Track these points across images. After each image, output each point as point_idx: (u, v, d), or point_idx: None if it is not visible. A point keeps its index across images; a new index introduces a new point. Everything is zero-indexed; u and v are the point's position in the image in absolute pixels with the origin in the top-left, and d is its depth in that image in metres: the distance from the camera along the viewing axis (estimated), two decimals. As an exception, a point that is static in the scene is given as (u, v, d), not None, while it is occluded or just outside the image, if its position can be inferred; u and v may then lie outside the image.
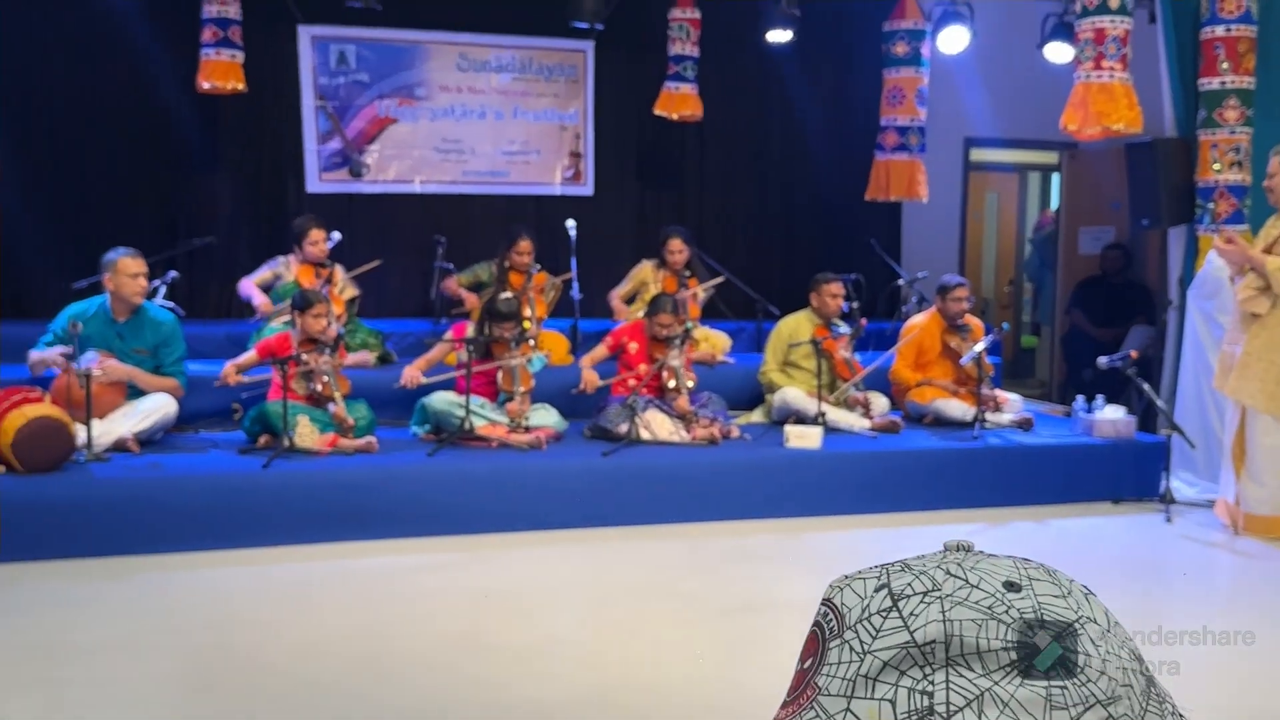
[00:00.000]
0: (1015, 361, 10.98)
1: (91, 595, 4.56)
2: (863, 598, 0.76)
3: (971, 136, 9.88)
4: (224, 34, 7.45)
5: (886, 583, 0.76)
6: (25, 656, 3.92)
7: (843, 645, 0.74)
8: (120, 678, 3.75)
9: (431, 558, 5.16)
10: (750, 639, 4.23)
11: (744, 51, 8.89)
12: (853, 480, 6.05)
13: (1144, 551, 5.58)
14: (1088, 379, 8.35)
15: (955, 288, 7.03)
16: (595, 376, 6.54)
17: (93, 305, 5.92)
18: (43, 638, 4.09)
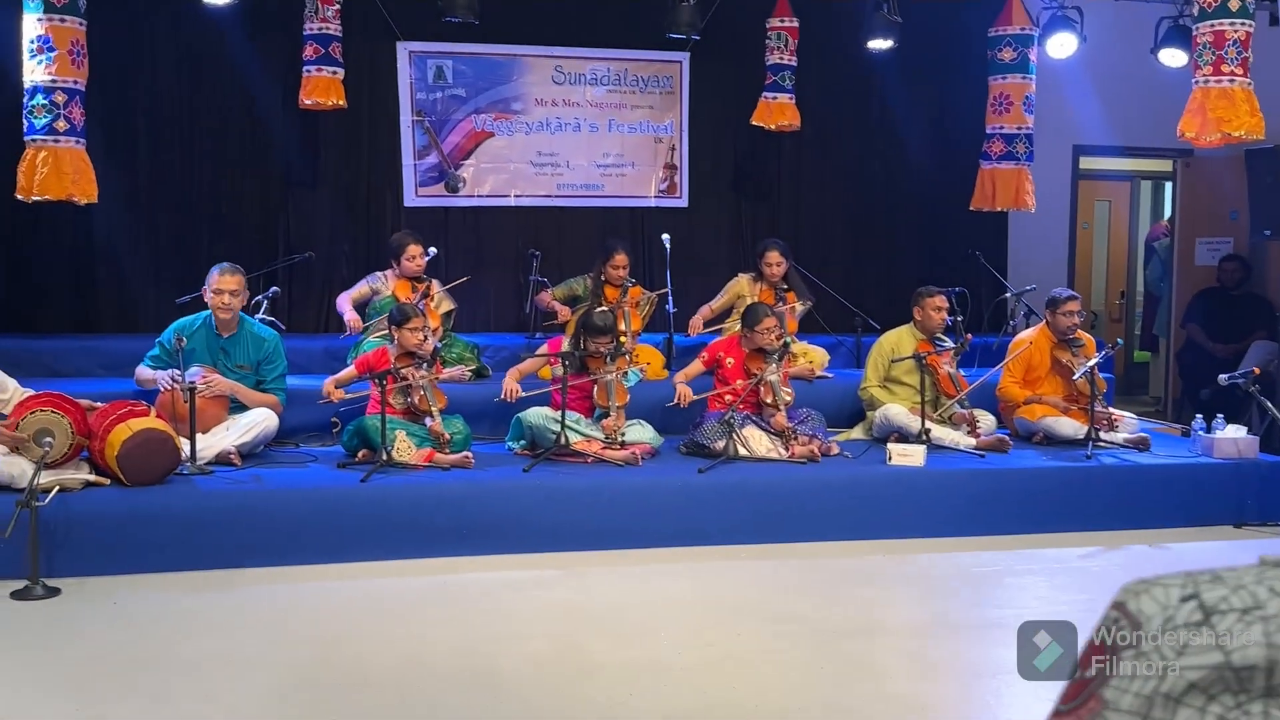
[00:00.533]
0: (1128, 377, 10.72)
1: (194, 608, 4.66)
2: (1165, 607, 0.70)
3: (1081, 144, 9.69)
4: (325, 51, 7.63)
5: (1196, 594, 0.70)
6: (130, 668, 4.01)
7: (1139, 657, 0.68)
8: (223, 691, 3.82)
9: (529, 574, 5.18)
10: (855, 663, 4.17)
11: (843, 60, 8.84)
12: (958, 500, 5.95)
13: None
14: (1205, 397, 8.12)
15: (1066, 301, 6.89)
16: (689, 391, 6.52)
17: (198, 320, 6.08)
18: (147, 650, 4.18)
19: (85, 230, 7.81)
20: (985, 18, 8.58)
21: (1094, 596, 4.86)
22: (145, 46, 7.94)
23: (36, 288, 7.78)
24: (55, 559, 4.85)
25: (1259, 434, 6.61)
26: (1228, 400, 7.21)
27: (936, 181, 9.15)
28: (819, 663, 4.18)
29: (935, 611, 4.78)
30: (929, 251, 9.19)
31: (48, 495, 4.82)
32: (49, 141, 6.88)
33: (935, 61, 9.05)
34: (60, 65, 6.87)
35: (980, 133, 8.63)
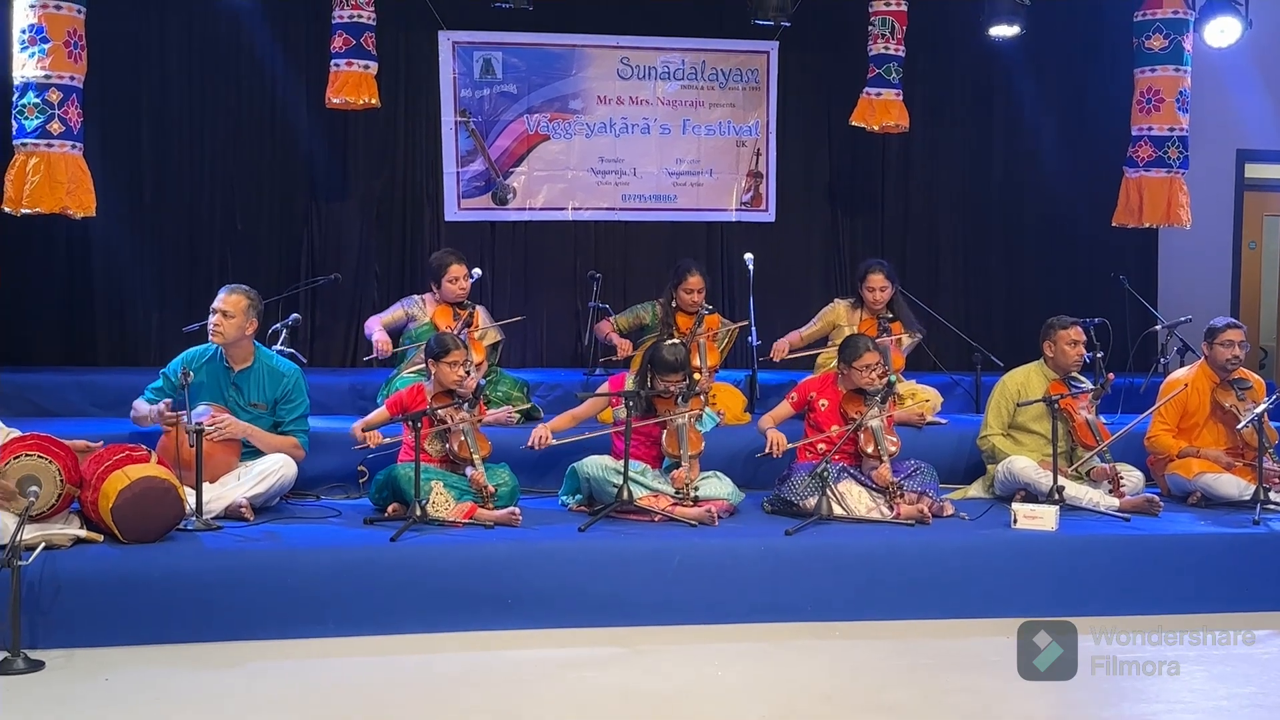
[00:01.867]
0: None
1: (198, 686, 4.67)
2: None
3: (1246, 148, 9.57)
4: (356, 42, 7.73)
5: None
6: (124, 754, 4.06)
7: None
8: (228, 783, 3.85)
9: (584, 652, 5.16)
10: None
11: (961, 50, 8.82)
12: (1097, 573, 5.83)
13: None
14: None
15: (1226, 330, 6.79)
16: (783, 438, 6.47)
17: (207, 352, 6.14)
18: (143, 733, 4.24)
19: (81, 248, 7.97)
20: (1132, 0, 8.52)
21: (1264, 690, 4.76)
22: (152, 38, 8.11)
23: (24, 313, 7.93)
24: (39, 627, 4.89)
25: None
26: None
27: (1072, 193, 9.08)
28: (927, 764, 4.13)
29: (1065, 707, 4.69)
30: (1062, 275, 9.11)
31: (32, 553, 4.87)
32: (41, 146, 7.05)
33: (1070, 51, 9.00)
34: (55, 59, 7.04)
35: (1125, 135, 8.54)
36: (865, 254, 8.45)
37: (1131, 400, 7.61)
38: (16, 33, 7.08)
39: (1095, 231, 8.82)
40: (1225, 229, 9.61)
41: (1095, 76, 9.02)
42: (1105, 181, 8.70)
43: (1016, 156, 9.21)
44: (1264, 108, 9.16)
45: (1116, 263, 8.75)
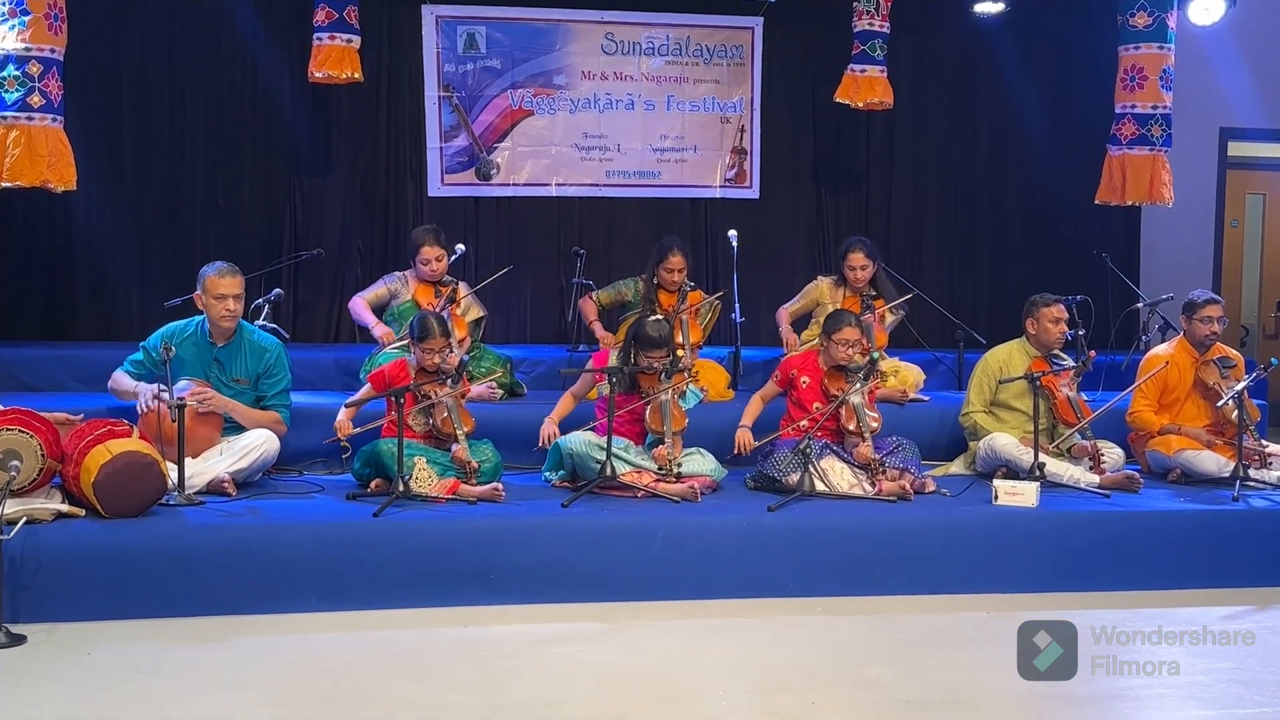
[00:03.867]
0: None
1: (181, 661, 4.68)
2: None
3: (1229, 126, 9.60)
4: (339, 15, 7.70)
5: None
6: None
7: None
8: (211, 758, 3.87)
9: (566, 628, 5.18)
10: (949, 740, 4.15)
11: (945, 26, 8.83)
12: (1077, 549, 5.87)
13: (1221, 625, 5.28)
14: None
15: (1205, 305, 6.82)
16: (750, 437, 6.47)
17: (189, 327, 6.13)
18: (126, 710, 4.21)
19: (62, 222, 7.94)
20: (1115, -24, 8.53)
21: (1240, 666, 4.79)
22: (133, 10, 8.07)
23: (5, 287, 7.91)
24: (21, 602, 4.89)
25: None
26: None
27: (1055, 170, 9.10)
28: (907, 739, 4.16)
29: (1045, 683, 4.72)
30: (1045, 253, 9.14)
31: (13, 528, 4.87)
32: (21, 119, 7.01)
33: (1054, 28, 9.01)
34: (35, 31, 7.00)
35: (1108, 112, 8.56)
36: (849, 231, 8.47)
37: (1113, 378, 7.64)
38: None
39: (1078, 209, 8.85)
40: (1208, 207, 9.65)
41: (1079, 53, 9.03)
42: (1089, 159, 8.72)
43: (1000, 134, 9.23)
44: (1247, 86, 9.18)
45: (1099, 240, 8.78)
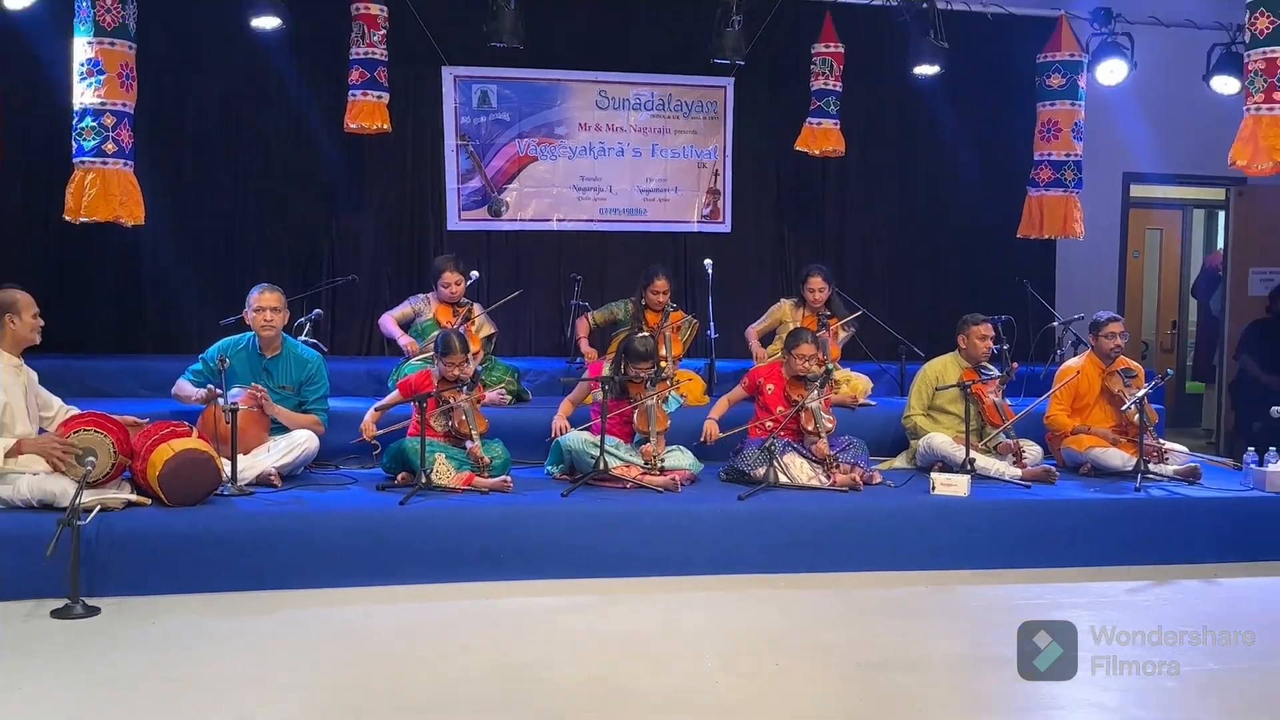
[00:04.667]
0: (1180, 409, 10.58)
1: (233, 630, 4.67)
2: None
3: (1131, 171, 9.64)
4: (371, 75, 7.71)
5: None
6: (168, 689, 4.03)
7: None
8: (260, 713, 3.83)
9: (565, 600, 5.17)
10: (894, 698, 4.13)
11: (889, 85, 8.84)
12: (1002, 532, 5.88)
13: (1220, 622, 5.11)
14: (1258, 429, 8.01)
15: (1108, 323, 6.84)
16: (715, 428, 6.52)
17: (241, 341, 6.15)
18: (185, 670, 4.20)
19: (131, 251, 7.93)
20: (1034, 44, 8.56)
21: (1143, 632, 4.79)
22: (194, 70, 8.06)
23: (82, 308, 7.89)
24: (95, 578, 4.89)
25: (1314, 468, 6.51)
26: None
27: (983, 208, 9.12)
28: (857, 696, 4.14)
29: (976, 646, 4.72)
30: (975, 279, 9.15)
31: (89, 514, 4.87)
32: (97, 163, 7.00)
33: (982, 87, 9.03)
34: (110, 88, 6.99)
35: (1028, 159, 8.59)
36: (808, 260, 8.47)
37: (1032, 386, 7.65)
38: (76, 66, 7.03)
39: (1003, 241, 8.86)
40: (1113, 240, 9.67)
41: (1004, 109, 9.05)
42: (1011, 199, 8.73)
43: (936, 177, 9.25)
44: (1147, 137, 9.21)
45: (1020, 269, 8.80)
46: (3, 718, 3.80)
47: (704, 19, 8.01)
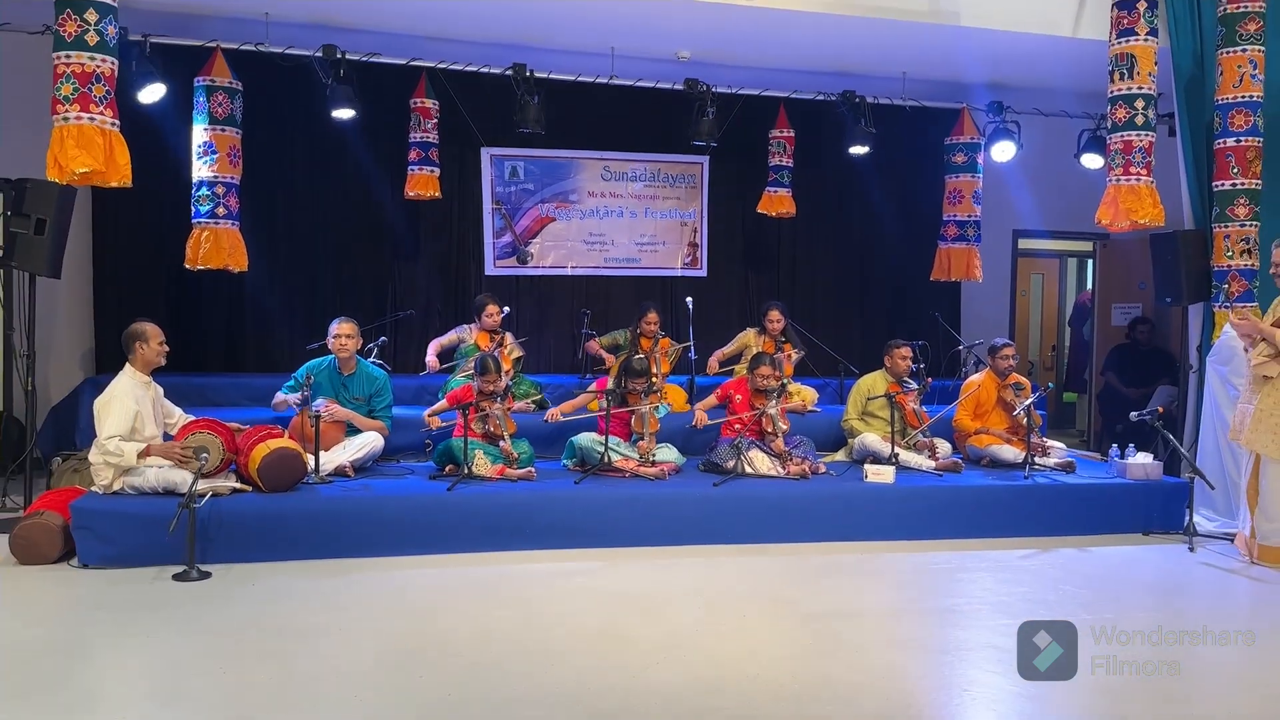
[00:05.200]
0: (1058, 414, 10.59)
1: (314, 589, 4.67)
2: None
3: (1019, 228, 9.68)
4: (425, 154, 7.74)
5: None
6: (264, 636, 4.02)
7: None
8: (336, 656, 3.82)
9: (578, 565, 5.16)
10: (839, 640, 4.12)
11: (830, 162, 8.88)
12: (921, 511, 5.87)
13: (1171, 576, 5.28)
14: (1120, 430, 8.01)
15: (1003, 347, 6.84)
16: (704, 416, 6.61)
17: (324, 362, 6.13)
18: (277, 622, 4.20)
19: (237, 292, 7.92)
20: (942, 129, 8.62)
21: (1030, 589, 4.79)
22: (286, 150, 8.08)
23: (198, 336, 7.88)
24: (208, 549, 4.88)
25: (1163, 460, 6.51)
26: (1138, 433, 7.11)
27: (904, 257, 9.15)
28: (810, 639, 4.13)
29: (903, 599, 4.71)
30: (897, 312, 9.17)
31: (203, 499, 4.86)
32: (211, 224, 7.03)
33: (902, 163, 9.08)
34: (221, 165, 7.03)
35: (938, 219, 8.63)
36: (767, 297, 8.47)
37: (943, 396, 7.65)
38: (195, 147, 7.07)
39: (919, 284, 8.88)
40: (1005, 282, 9.69)
41: (918, 180, 9.09)
42: (925, 250, 8.76)
43: (867, 232, 9.27)
44: (1031, 201, 9.25)
45: (934, 304, 8.82)
46: (138, 660, 3.78)
47: (685, 110, 8.05)
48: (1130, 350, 8.97)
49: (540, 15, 6.91)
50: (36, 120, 5.53)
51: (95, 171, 4.96)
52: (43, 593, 4.52)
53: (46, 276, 6.03)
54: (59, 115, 4.94)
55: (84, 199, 7.28)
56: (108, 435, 4.96)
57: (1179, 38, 6.78)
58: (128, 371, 5.17)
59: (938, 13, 6.78)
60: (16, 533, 4.91)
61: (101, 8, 4.93)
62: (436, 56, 7.60)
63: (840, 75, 8.19)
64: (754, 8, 6.51)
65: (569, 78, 7.75)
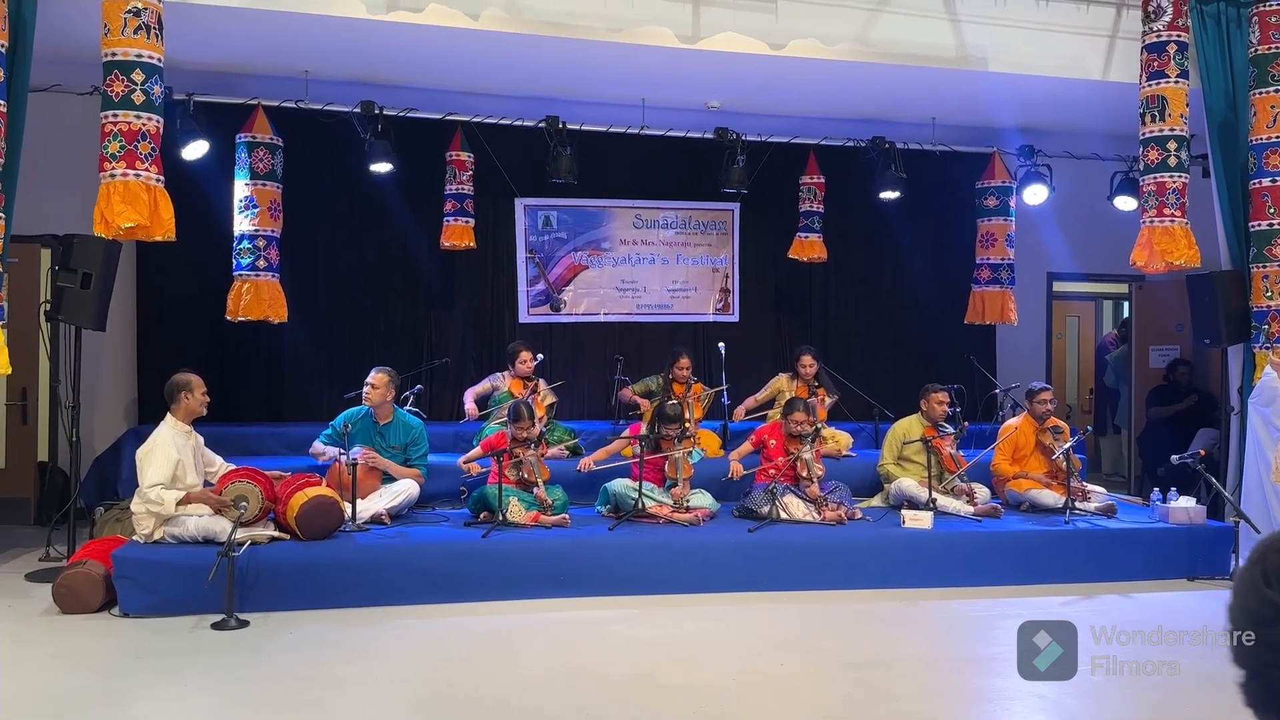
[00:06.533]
0: (1096, 458, 10.42)
1: (350, 638, 4.67)
2: None
3: (1053, 271, 9.60)
4: (460, 205, 7.85)
5: None
6: (300, 685, 4.03)
7: None
8: (371, 704, 3.81)
9: (612, 613, 5.12)
10: (874, 689, 4.05)
11: (861, 207, 8.88)
12: (959, 557, 5.79)
13: (1219, 622, 5.10)
14: (1161, 473, 7.85)
15: (1040, 391, 6.77)
16: (740, 467, 6.52)
17: (361, 411, 6.19)
18: (312, 670, 4.20)
19: (277, 342, 8.02)
20: (973, 173, 8.61)
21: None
22: (325, 203, 8.22)
23: (238, 386, 7.97)
24: (246, 598, 4.90)
25: (1206, 504, 6.38)
26: (1179, 476, 6.97)
27: (936, 301, 9.10)
28: (845, 688, 4.06)
29: (940, 647, 4.63)
30: (932, 356, 9.10)
31: (242, 547, 4.89)
32: (251, 276, 7.15)
33: (933, 207, 9.07)
34: (262, 218, 7.17)
35: (970, 262, 8.59)
36: (799, 342, 8.45)
37: (979, 440, 7.55)
38: (236, 201, 7.22)
39: (954, 326, 8.82)
40: (1040, 325, 9.60)
41: (950, 224, 9.07)
42: (958, 294, 8.72)
43: (899, 278, 9.24)
44: (1064, 244, 9.19)
45: (968, 348, 8.74)
46: (177, 707, 3.80)
47: (715, 158, 8.12)
48: (1168, 390, 8.83)
49: (572, 69, 7.03)
50: (84, 177, 5.69)
51: (140, 226, 5.08)
52: (84, 642, 4.56)
53: (92, 329, 6.16)
54: (106, 172, 5.08)
55: (129, 253, 7.44)
56: (150, 484, 5.02)
57: (1210, 80, 6.76)
58: (169, 421, 5.25)
59: (966, 59, 6.82)
60: (59, 582, 4.97)
61: (148, 68, 5.09)
62: (471, 111, 7.74)
63: (870, 121, 8.23)
64: (783, 57, 6.58)
65: (600, 129, 7.85)
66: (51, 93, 6.73)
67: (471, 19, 6.07)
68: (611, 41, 6.30)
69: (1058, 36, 6.92)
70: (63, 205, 6.62)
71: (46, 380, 7.21)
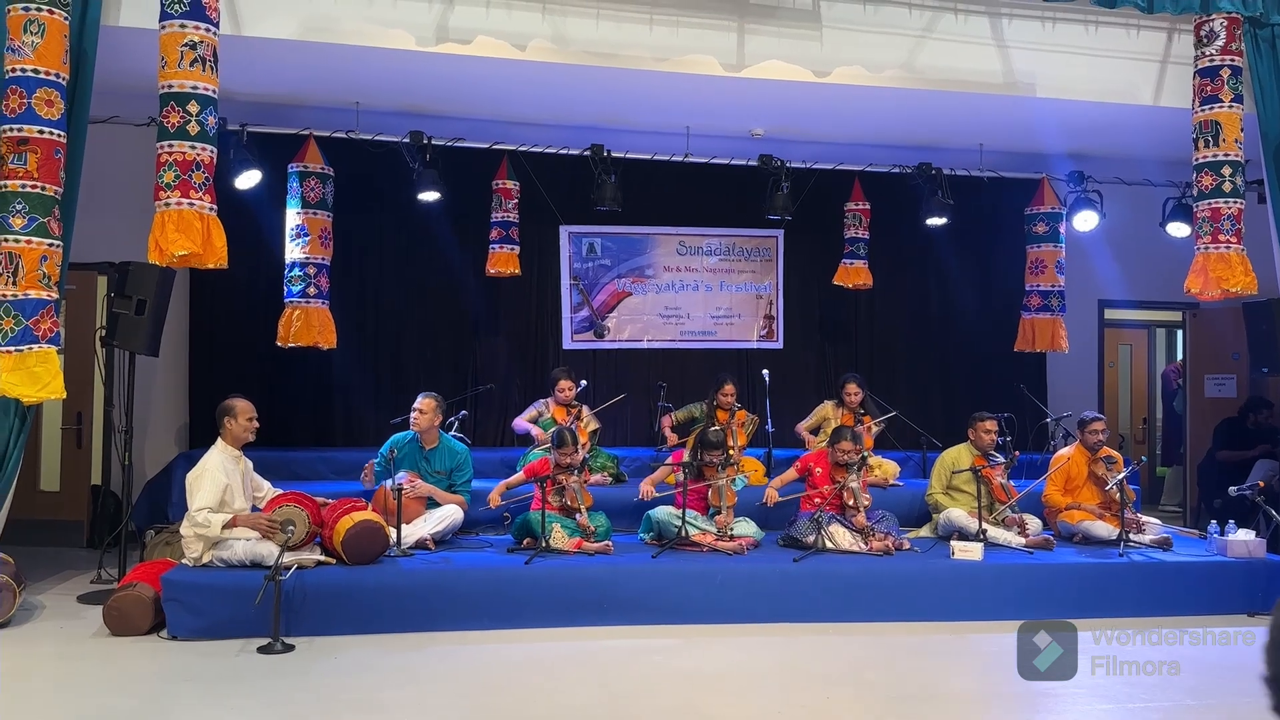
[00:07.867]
0: (1151, 489, 10.18)
1: (394, 663, 4.67)
2: None
3: (1105, 299, 9.46)
4: (506, 233, 7.91)
5: None
6: (342, 710, 4.03)
7: None
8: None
9: (655, 642, 5.08)
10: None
11: (907, 233, 8.82)
12: (1010, 590, 5.66)
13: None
14: (1218, 505, 7.64)
15: (1093, 421, 6.63)
16: (776, 495, 6.48)
17: (407, 436, 6.22)
18: (356, 695, 4.20)
19: (326, 368, 8.12)
20: (1022, 199, 8.51)
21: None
22: (375, 231, 8.34)
23: (287, 411, 8.07)
24: (292, 622, 4.93)
25: (1265, 537, 6.19)
26: (1238, 508, 6.78)
27: (985, 328, 8.99)
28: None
29: (989, 683, 4.52)
30: (981, 384, 8.97)
31: (289, 571, 4.93)
32: (302, 303, 7.25)
33: (981, 234, 8.98)
34: (312, 247, 7.28)
35: (1020, 290, 8.47)
36: (845, 369, 8.38)
37: (1031, 470, 7.43)
38: (288, 230, 7.34)
39: (1003, 354, 8.69)
40: (1092, 353, 9.44)
41: (998, 251, 8.97)
42: (1008, 321, 8.60)
43: (947, 305, 9.15)
44: (1115, 271, 9.05)
45: (1018, 376, 8.61)
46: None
47: (759, 185, 8.11)
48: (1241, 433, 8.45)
49: (618, 98, 7.08)
50: (140, 206, 5.83)
51: (193, 254, 5.18)
52: (133, 664, 4.61)
53: (145, 355, 6.27)
54: (161, 201, 5.19)
55: (182, 280, 7.59)
56: (198, 507, 5.09)
57: (1265, 104, 6.63)
58: (219, 446, 5.32)
59: (1014, 85, 6.76)
60: (110, 604, 5.04)
61: (203, 99, 5.20)
62: (517, 140, 7.82)
63: (916, 148, 8.18)
64: (828, 84, 6.58)
65: (645, 156, 7.89)
66: (110, 124, 6.91)
67: (519, 50, 6.14)
68: (657, 70, 6.33)
69: (1107, 61, 6.84)
70: (119, 233, 6.78)
71: (101, 405, 7.35)
